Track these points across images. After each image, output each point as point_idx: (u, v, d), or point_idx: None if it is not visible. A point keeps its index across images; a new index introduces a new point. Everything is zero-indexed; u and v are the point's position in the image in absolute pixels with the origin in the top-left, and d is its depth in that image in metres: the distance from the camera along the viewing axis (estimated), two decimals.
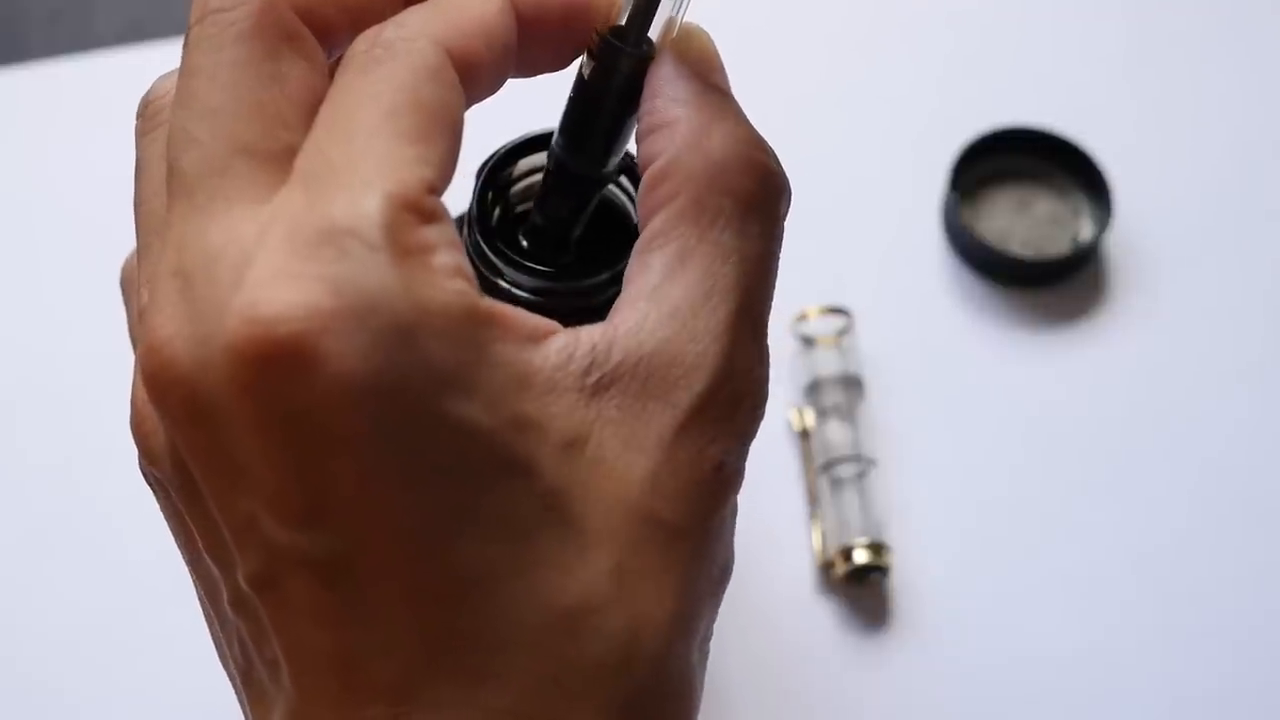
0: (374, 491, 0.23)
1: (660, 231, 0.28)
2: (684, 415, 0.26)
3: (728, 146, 0.28)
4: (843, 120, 0.64)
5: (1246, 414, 0.58)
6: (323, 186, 0.24)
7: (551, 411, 0.25)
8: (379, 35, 0.26)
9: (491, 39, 0.27)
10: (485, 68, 0.27)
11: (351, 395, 0.23)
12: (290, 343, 0.23)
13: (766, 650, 0.53)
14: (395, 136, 0.25)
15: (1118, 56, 0.66)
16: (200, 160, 0.25)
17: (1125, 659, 0.54)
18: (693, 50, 0.30)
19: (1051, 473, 0.57)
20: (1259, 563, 0.55)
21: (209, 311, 0.23)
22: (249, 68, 0.25)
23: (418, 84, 0.25)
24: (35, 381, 0.58)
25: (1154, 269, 0.61)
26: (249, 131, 0.25)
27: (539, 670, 0.24)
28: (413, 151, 0.25)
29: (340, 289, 0.23)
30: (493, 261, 0.41)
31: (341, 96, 0.25)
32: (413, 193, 0.24)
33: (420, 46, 0.26)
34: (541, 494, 0.24)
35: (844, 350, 0.57)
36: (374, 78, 0.25)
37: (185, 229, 0.24)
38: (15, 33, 0.66)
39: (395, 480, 0.23)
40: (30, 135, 0.63)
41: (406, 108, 0.25)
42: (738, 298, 0.27)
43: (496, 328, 0.25)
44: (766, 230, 0.29)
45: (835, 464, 0.55)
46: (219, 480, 0.24)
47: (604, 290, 0.41)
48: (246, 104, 0.25)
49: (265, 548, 0.24)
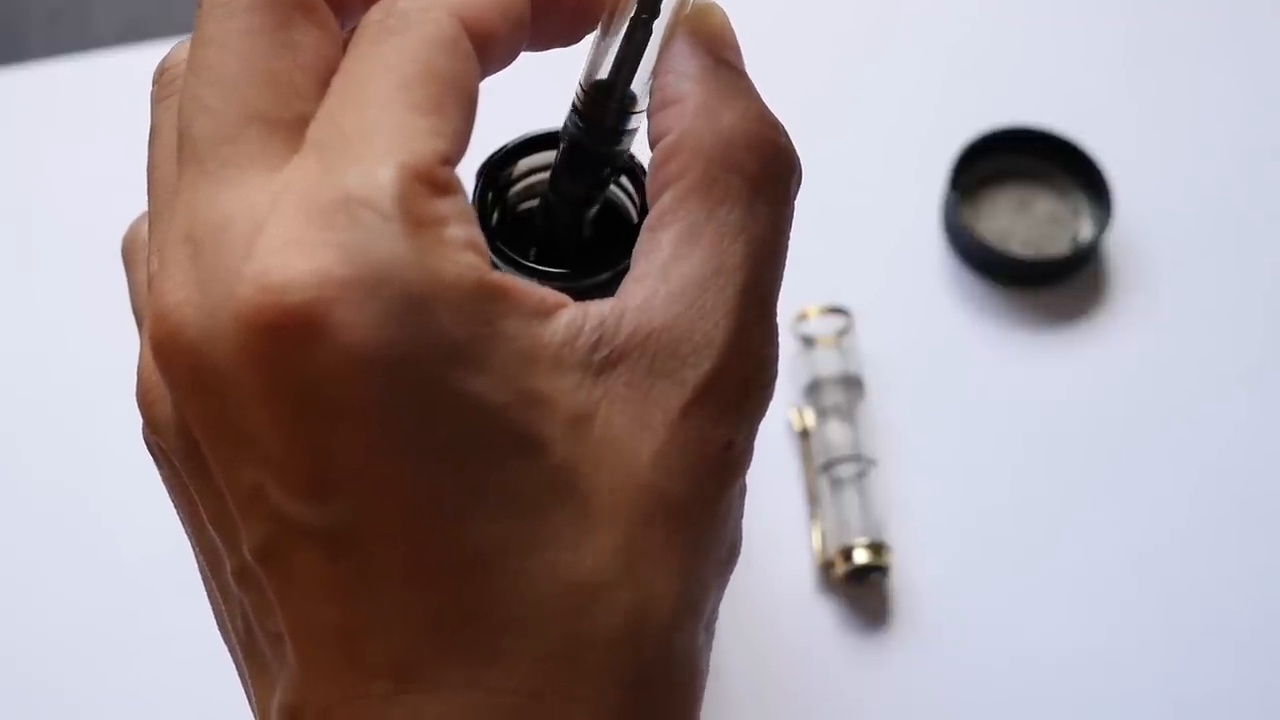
0: (382, 464, 0.23)
1: (669, 209, 0.27)
2: (692, 394, 0.26)
3: (738, 123, 0.28)
4: (843, 120, 0.64)
5: (1246, 414, 0.58)
6: (336, 156, 0.24)
7: (560, 387, 0.25)
8: (394, 5, 0.26)
9: (507, 10, 0.27)
10: (500, 40, 0.27)
11: (361, 366, 0.23)
12: (301, 311, 0.22)
13: (766, 650, 0.53)
14: (409, 107, 0.25)
15: (1118, 57, 0.66)
16: (212, 127, 0.25)
17: (1125, 659, 0.54)
18: (706, 26, 0.30)
19: (1052, 472, 0.57)
20: (1259, 562, 0.55)
21: (219, 279, 0.23)
22: (261, 36, 0.25)
23: (432, 55, 0.25)
24: (33, 382, 0.58)
25: (1154, 269, 0.61)
26: (261, 99, 0.25)
27: (545, 648, 0.24)
28: (426, 123, 0.25)
29: (352, 258, 0.23)
30: (493, 261, 0.41)
31: (355, 66, 0.25)
32: (426, 164, 0.24)
33: (435, 16, 0.26)
34: (549, 470, 0.24)
35: (844, 350, 0.57)
36: (388, 48, 0.25)
37: (196, 196, 0.24)
38: (15, 33, 0.66)
39: (404, 453, 0.23)
40: (30, 135, 0.63)
41: (420, 78, 0.25)
42: (745, 275, 0.27)
43: (507, 301, 0.25)
44: (776, 209, 0.29)
45: (835, 464, 0.55)
46: (225, 449, 0.24)
47: (606, 290, 0.41)
48: (259, 72, 0.25)
49: (271, 519, 0.24)
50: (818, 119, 0.64)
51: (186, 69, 0.26)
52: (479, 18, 0.26)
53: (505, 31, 0.27)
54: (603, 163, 0.39)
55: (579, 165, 0.39)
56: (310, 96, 0.25)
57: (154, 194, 0.27)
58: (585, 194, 0.40)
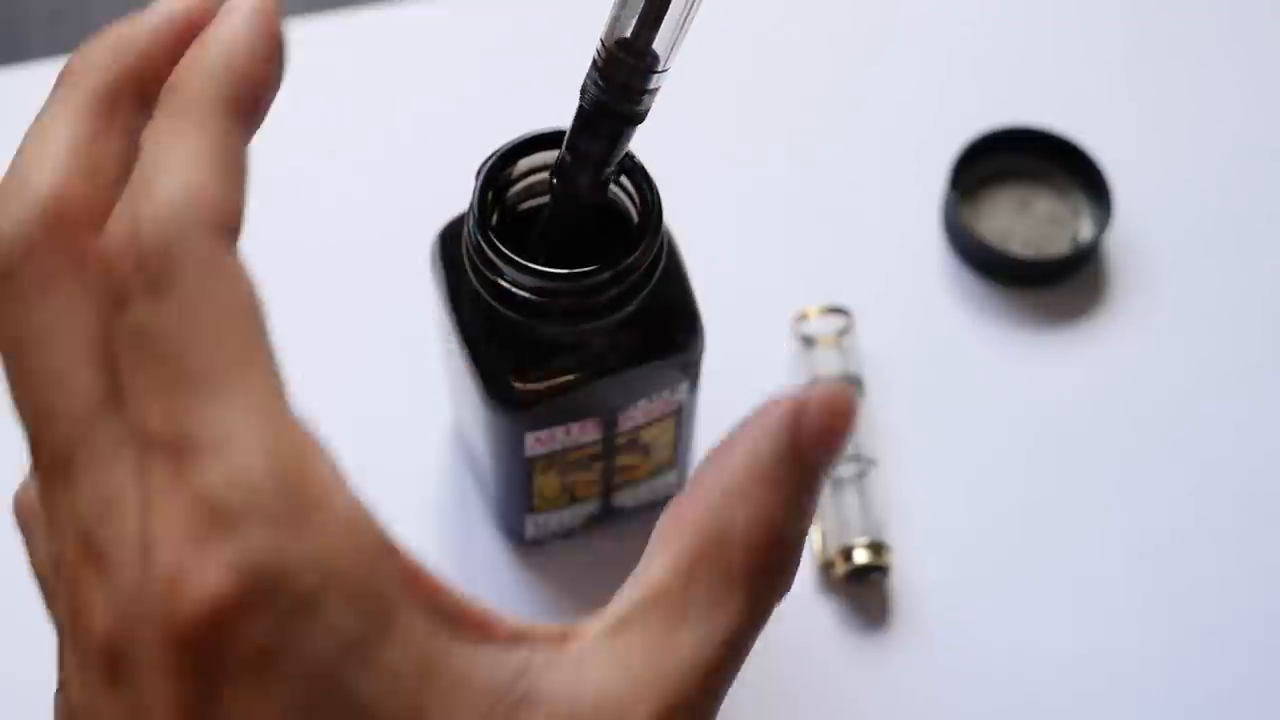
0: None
1: (651, 571, 0.26)
2: None
3: (756, 531, 0.26)
4: (843, 120, 0.64)
5: (1247, 414, 0.58)
6: (194, 455, 0.23)
7: (454, 716, 0.24)
8: (143, 264, 0.24)
9: (236, 207, 0.26)
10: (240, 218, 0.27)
11: (258, 678, 0.22)
12: (198, 629, 0.22)
13: (766, 650, 0.53)
14: (243, 370, 0.23)
15: (1118, 57, 0.66)
16: (63, 431, 0.24)
17: (1125, 659, 0.54)
18: (817, 414, 0.27)
19: (1052, 472, 0.57)
20: (1260, 563, 0.55)
21: (119, 590, 0.23)
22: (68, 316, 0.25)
23: (227, 300, 0.24)
24: None
25: (1154, 269, 0.61)
26: (98, 386, 0.24)
27: None
28: (267, 382, 0.24)
29: (240, 569, 0.22)
30: (493, 261, 0.41)
31: (158, 346, 0.24)
32: (289, 432, 0.23)
33: (196, 251, 0.24)
34: None
35: (844, 350, 0.57)
36: (175, 312, 0.24)
37: (74, 504, 0.24)
38: (15, 33, 0.66)
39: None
40: None
41: (234, 332, 0.24)
42: (688, 680, 0.26)
43: (409, 594, 0.24)
44: (743, 624, 0.27)
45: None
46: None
47: (606, 290, 0.42)
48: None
49: None
50: (818, 119, 0.64)
51: (13, 365, 0.25)
52: (228, 208, 0.25)
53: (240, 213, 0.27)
54: (621, 122, 0.39)
55: (597, 124, 0.39)
56: (112, 372, 0.25)
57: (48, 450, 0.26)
58: (601, 155, 0.40)
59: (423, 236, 0.60)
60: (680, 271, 0.46)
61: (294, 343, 0.59)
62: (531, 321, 0.42)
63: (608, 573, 0.55)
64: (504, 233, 0.42)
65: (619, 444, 0.49)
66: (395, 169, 0.62)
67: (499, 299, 0.42)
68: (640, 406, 0.47)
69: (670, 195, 0.44)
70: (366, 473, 0.56)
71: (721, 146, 0.63)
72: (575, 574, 0.55)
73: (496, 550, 0.55)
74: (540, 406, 0.45)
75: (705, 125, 0.64)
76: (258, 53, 0.27)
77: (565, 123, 0.42)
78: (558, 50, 0.65)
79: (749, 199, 0.62)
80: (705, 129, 0.64)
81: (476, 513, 0.56)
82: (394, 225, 0.61)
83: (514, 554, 0.55)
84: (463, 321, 0.45)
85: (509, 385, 0.44)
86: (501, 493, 0.51)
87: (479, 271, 0.42)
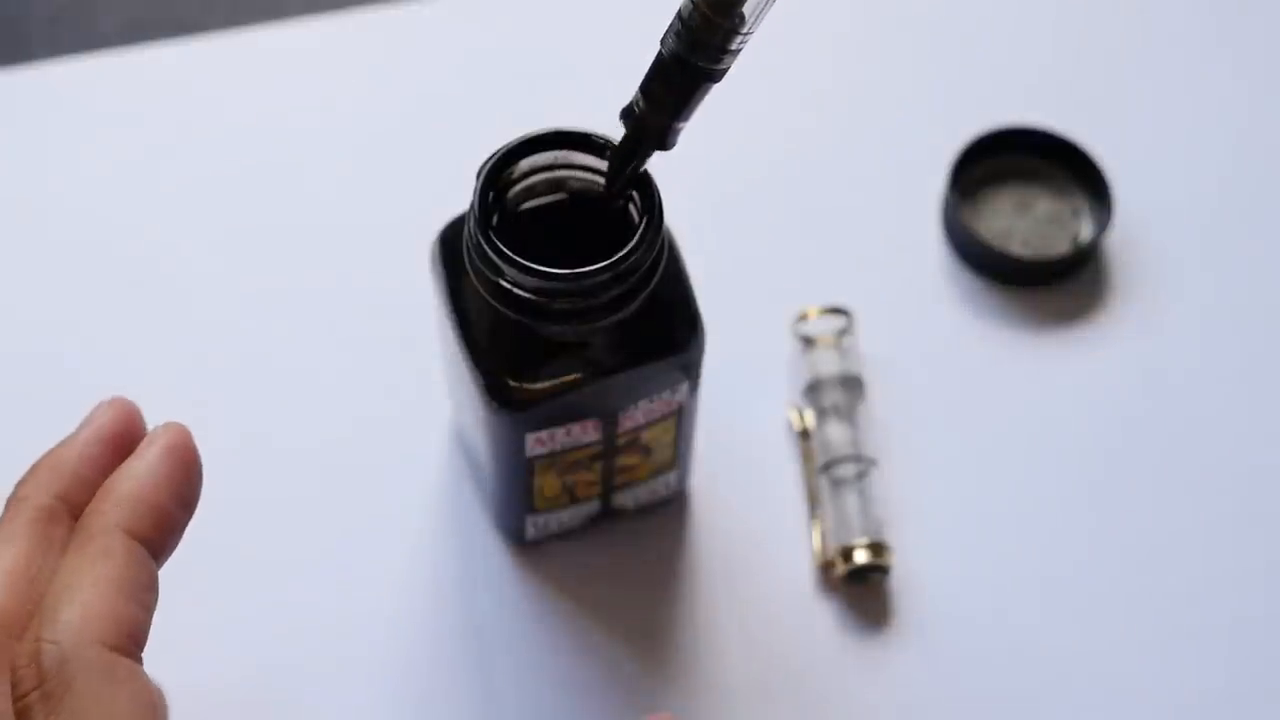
0: None
1: None
2: None
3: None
4: (843, 120, 0.64)
5: (1248, 414, 0.58)
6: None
7: None
8: (41, 679, 0.31)
9: (173, 522, 0.35)
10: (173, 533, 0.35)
11: None
12: None
13: (766, 651, 0.53)
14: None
15: (1118, 57, 0.66)
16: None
17: (1125, 659, 0.54)
18: None
19: (1052, 472, 0.57)
20: (1260, 563, 0.55)
21: None
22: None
23: (119, 709, 0.31)
24: (34, 383, 0.58)
25: (1154, 269, 0.61)
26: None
27: None
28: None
29: None
30: (493, 261, 0.41)
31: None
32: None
33: (89, 669, 0.31)
34: None
35: (844, 350, 0.57)
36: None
37: None
38: (17, 33, 0.66)
39: None
40: (32, 135, 0.63)
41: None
42: None
43: None
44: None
45: (835, 464, 0.55)
46: None
47: (606, 290, 0.42)
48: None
49: None
50: (818, 119, 0.64)
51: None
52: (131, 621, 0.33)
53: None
54: (699, 77, 0.40)
55: (673, 76, 0.40)
56: None
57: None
58: (675, 108, 0.40)
59: (423, 237, 0.60)
60: (680, 271, 0.46)
61: (294, 343, 0.59)
62: (532, 322, 0.42)
63: (608, 573, 0.55)
64: (504, 233, 0.42)
65: (619, 444, 0.49)
66: (395, 169, 0.62)
67: (499, 299, 0.42)
68: (640, 407, 0.47)
69: (670, 195, 0.44)
70: (366, 473, 0.56)
71: (722, 146, 0.63)
72: (575, 574, 0.55)
73: (496, 550, 0.55)
74: (540, 407, 0.45)
75: (705, 125, 0.64)
76: (166, 486, 0.33)
77: (565, 123, 0.42)
78: (557, 50, 0.65)
79: (749, 199, 0.62)
80: (705, 129, 0.64)
81: (476, 513, 0.56)
82: (394, 225, 0.61)
83: (514, 554, 0.55)
84: (463, 322, 0.45)
85: (509, 386, 0.44)
86: (501, 493, 0.51)
87: (479, 272, 0.42)
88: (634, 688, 0.52)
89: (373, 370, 0.58)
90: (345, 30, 0.66)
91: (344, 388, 0.58)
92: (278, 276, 0.60)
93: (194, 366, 0.58)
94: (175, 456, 0.35)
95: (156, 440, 0.35)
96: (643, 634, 0.54)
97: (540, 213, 0.45)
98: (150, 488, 0.34)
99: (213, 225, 0.61)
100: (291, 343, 0.59)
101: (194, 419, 0.57)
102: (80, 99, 0.64)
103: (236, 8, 0.67)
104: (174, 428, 0.36)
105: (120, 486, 0.34)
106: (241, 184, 0.62)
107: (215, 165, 0.62)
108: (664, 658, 0.53)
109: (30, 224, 0.61)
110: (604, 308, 0.42)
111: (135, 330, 0.59)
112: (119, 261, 0.60)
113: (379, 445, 0.57)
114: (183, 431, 0.36)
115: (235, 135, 0.63)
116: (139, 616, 0.32)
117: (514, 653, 0.53)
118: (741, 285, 0.60)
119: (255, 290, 0.60)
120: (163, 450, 0.35)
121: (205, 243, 0.61)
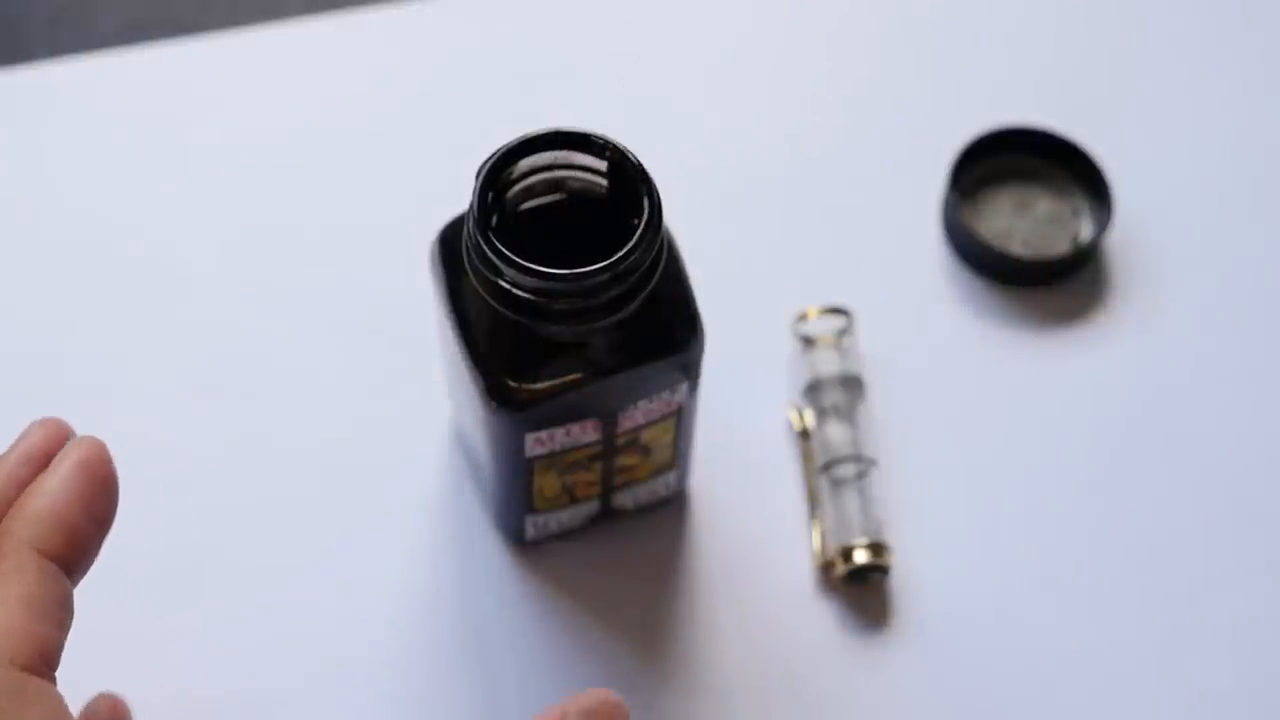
0: None
1: None
2: None
3: None
4: (842, 120, 0.64)
5: (1247, 414, 0.58)
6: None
7: None
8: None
9: (83, 538, 0.34)
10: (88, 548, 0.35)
11: None
12: None
13: (766, 650, 0.53)
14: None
15: (1118, 57, 0.66)
16: None
17: (1126, 659, 0.54)
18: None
19: (1052, 472, 0.57)
20: (1260, 563, 0.55)
21: None
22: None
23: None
24: (35, 383, 0.58)
25: (1154, 269, 0.61)
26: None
27: None
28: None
29: None
30: (493, 261, 0.41)
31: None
32: None
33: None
34: None
35: (844, 350, 0.57)
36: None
37: None
38: (16, 33, 0.66)
39: None
40: (30, 135, 0.63)
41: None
42: None
43: None
44: None
45: (835, 464, 0.55)
46: None
47: (606, 290, 0.42)
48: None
49: None
50: (817, 119, 0.64)
51: None
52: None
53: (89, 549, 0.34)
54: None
55: None
56: None
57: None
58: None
59: (422, 237, 0.60)
60: (680, 271, 0.46)
61: (294, 343, 0.59)
62: (531, 322, 0.42)
63: (608, 573, 0.55)
64: (503, 233, 0.42)
65: (619, 444, 0.49)
66: (395, 169, 0.63)
67: (498, 299, 0.42)
68: (640, 407, 0.47)
69: (670, 195, 0.44)
70: (366, 473, 0.56)
71: (721, 146, 0.63)
72: (575, 574, 0.55)
73: (496, 551, 0.55)
74: (540, 407, 0.45)
75: (705, 125, 0.64)
76: (78, 502, 0.33)
77: (564, 123, 0.42)
78: (557, 50, 0.65)
79: (749, 198, 0.62)
80: (705, 129, 0.64)
81: (476, 513, 0.56)
82: (394, 225, 0.61)
83: (514, 554, 0.55)
84: (463, 322, 0.45)
85: (508, 386, 0.44)
86: (501, 493, 0.51)
87: (479, 272, 0.42)
88: (634, 687, 0.52)
89: (373, 370, 0.58)
90: (345, 30, 0.66)
91: (344, 388, 0.58)
92: (277, 276, 0.60)
93: (194, 367, 0.58)
94: (87, 471, 0.34)
95: (69, 455, 0.34)
96: (642, 634, 0.54)
97: (540, 213, 0.44)
98: (62, 504, 0.33)
99: (212, 225, 0.61)
100: (291, 343, 0.59)
101: (194, 419, 0.57)
102: (80, 99, 0.64)
103: (236, 8, 0.67)
104: (87, 442, 0.35)
105: (31, 504, 0.33)
106: (241, 184, 0.62)
107: (215, 165, 0.62)
108: (663, 658, 0.53)
109: (30, 224, 0.61)
110: (603, 308, 0.42)
111: (135, 330, 0.59)
112: (119, 261, 0.60)
113: (379, 445, 0.57)
114: (97, 445, 0.35)
115: (235, 135, 0.63)
116: (51, 635, 0.32)
117: (514, 653, 0.53)
118: (741, 285, 0.60)
119: (255, 290, 0.60)
120: (74, 465, 0.34)
121: (205, 243, 0.61)
